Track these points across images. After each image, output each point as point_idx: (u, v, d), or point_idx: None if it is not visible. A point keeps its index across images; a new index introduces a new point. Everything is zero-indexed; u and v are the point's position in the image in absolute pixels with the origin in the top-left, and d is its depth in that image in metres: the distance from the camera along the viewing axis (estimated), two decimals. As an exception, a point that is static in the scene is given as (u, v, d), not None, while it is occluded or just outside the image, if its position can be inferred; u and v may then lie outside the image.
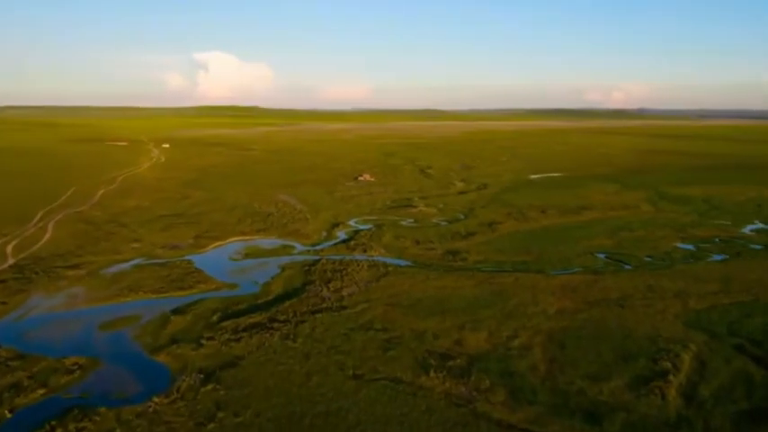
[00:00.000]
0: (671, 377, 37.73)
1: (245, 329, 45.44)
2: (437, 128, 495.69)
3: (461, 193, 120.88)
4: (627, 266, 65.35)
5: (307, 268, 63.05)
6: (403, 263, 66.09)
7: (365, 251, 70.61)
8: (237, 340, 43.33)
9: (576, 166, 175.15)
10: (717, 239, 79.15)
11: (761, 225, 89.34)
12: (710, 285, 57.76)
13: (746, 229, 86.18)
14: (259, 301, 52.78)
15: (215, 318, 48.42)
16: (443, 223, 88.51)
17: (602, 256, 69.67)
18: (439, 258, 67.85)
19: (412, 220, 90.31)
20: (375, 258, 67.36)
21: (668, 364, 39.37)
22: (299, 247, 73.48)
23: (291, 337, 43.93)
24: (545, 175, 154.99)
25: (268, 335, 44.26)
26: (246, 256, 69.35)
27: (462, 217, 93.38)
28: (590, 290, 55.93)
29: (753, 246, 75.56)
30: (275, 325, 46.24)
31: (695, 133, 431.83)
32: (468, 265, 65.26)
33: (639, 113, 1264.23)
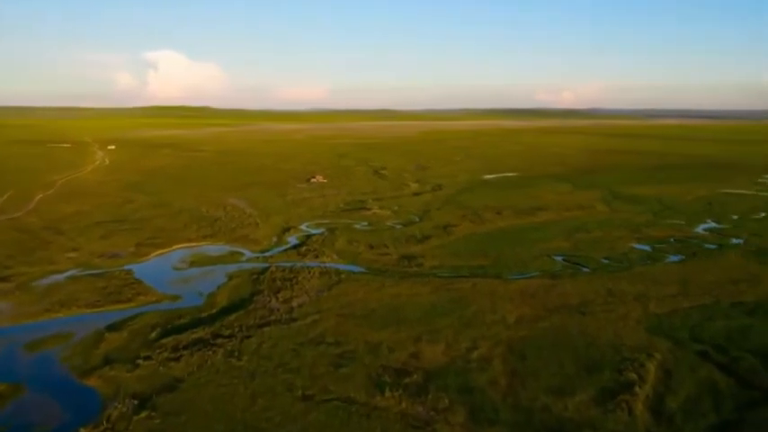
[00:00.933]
0: (637, 389, 36.02)
1: (185, 347, 42.17)
2: (392, 128, 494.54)
3: (416, 194, 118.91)
4: (585, 269, 64.05)
5: (255, 277, 59.90)
6: (356, 269, 63.48)
7: (317, 257, 67.77)
8: (177, 359, 40.06)
9: (530, 166, 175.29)
10: (672, 239, 78.75)
11: (713, 224, 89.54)
12: (670, 288, 56.75)
13: (700, 229, 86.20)
14: (203, 315, 49.46)
15: (154, 334, 44.97)
16: (398, 226, 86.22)
17: (559, 258, 68.29)
18: (394, 264, 65.44)
19: (366, 224, 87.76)
20: (327, 265, 64.58)
21: (633, 375, 37.69)
22: (247, 253, 70.15)
23: (236, 354, 40.87)
24: (499, 175, 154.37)
25: (211, 352, 41.11)
26: (191, 264, 65.75)
27: (417, 219, 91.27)
28: (549, 295, 54.27)
29: (707, 245, 75.29)
30: (219, 341, 43.09)
31: (644, 133, 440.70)
32: (424, 270, 63.01)
33: (590, 113, 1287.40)
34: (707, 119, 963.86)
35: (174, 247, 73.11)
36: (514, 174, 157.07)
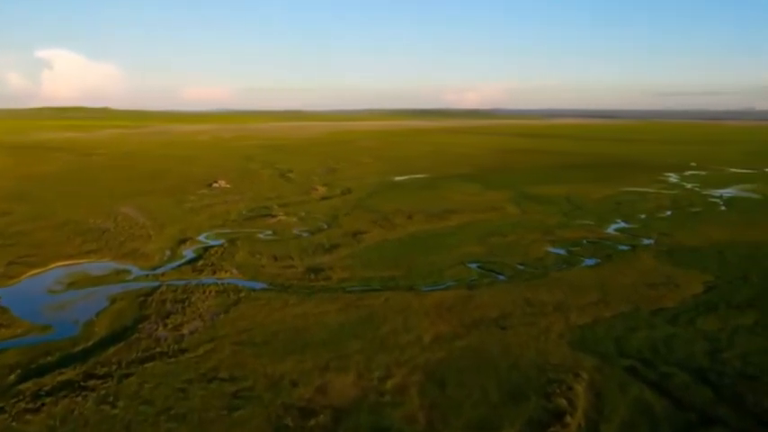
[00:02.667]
0: (568, 418, 32.59)
1: (50, 392, 35.51)
2: (301, 129, 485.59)
3: (324, 198, 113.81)
4: (501, 277, 61.06)
5: (142, 299, 53.23)
6: (258, 285, 57.84)
7: (215, 273, 61.65)
8: (37, 410, 33.43)
9: (439, 167, 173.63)
10: (585, 241, 77.41)
11: (623, 224, 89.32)
12: (589, 295, 54.45)
13: (611, 229, 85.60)
14: (76, 349, 42.60)
15: (13, 377, 37.91)
16: (305, 234, 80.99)
17: (474, 266, 65.10)
18: (299, 278, 60.24)
19: (270, 233, 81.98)
20: (226, 281, 58.65)
21: (563, 401, 34.29)
22: (135, 271, 63.09)
23: (111, 399, 34.65)
24: (410, 176, 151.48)
25: (80, 399, 34.69)
26: (69, 286, 58.07)
27: (325, 226, 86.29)
28: (466, 308, 50.68)
29: (621, 247, 74.27)
30: (92, 383, 36.63)
31: (547, 132, 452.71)
32: (332, 284, 58.15)
33: (493, 113, 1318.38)
34: (606, 118, 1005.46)
35: (52, 265, 64.92)
36: (424, 175, 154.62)
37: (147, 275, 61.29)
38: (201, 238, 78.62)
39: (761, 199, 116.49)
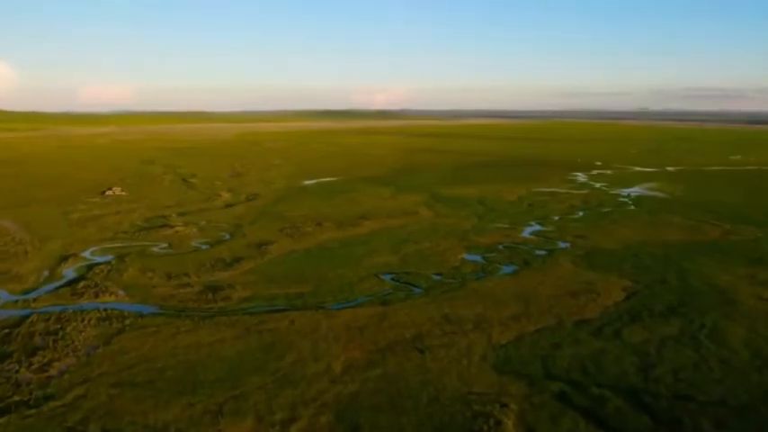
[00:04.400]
0: (498, 464, 28.60)
1: None
2: (207, 130, 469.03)
3: (228, 205, 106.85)
4: (417, 290, 56.94)
5: (7, 332, 45.71)
6: (147, 310, 51.25)
7: (97, 296, 54.48)
8: None
9: (349, 169, 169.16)
10: (501, 246, 74.70)
11: (538, 227, 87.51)
12: (510, 308, 51.16)
13: (526, 233, 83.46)
14: None
15: None
16: (204, 247, 74.40)
17: (387, 277, 60.77)
18: (195, 298, 53.98)
19: (165, 246, 74.86)
20: (109, 306, 51.70)
21: (491, 441, 30.32)
22: (3, 296, 55.01)
23: (-55, 471, 28.01)
24: (319, 180, 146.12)
25: None
26: None
27: (228, 237, 79.93)
28: (380, 328, 46.19)
29: (537, 252, 71.89)
30: (-77, 449, 29.76)
31: (456, 132, 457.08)
32: (231, 305, 52.30)
33: (401, 113, 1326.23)
34: (512, 118, 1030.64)
35: None
36: (335, 178, 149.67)
37: (17, 302, 53.42)
38: (86, 254, 70.65)
39: (667, 198, 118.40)
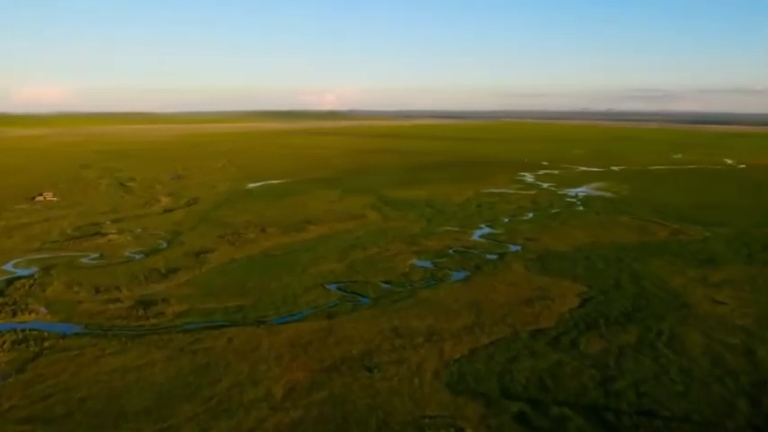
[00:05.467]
0: (455, 501, 25.91)
1: None
2: (150, 132, 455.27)
3: (167, 211, 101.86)
4: (365, 300, 54.02)
5: None
6: (71, 329, 46.89)
7: (15, 314, 49.80)
8: None
9: (297, 171, 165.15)
10: (451, 251, 72.49)
11: (488, 229, 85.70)
12: (462, 318, 48.75)
13: (476, 236, 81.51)
14: None
15: None
16: (138, 256, 69.90)
17: (334, 287, 57.69)
18: (125, 315, 49.85)
19: (96, 256, 70.05)
20: (28, 326, 47.17)
21: (446, 475, 27.61)
22: None
23: None
24: (265, 182, 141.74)
25: None
26: None
27: (164, 245, 75.50)
28: (326, 345, 43.12)
29: (489, 256, 69.88)
30: None
31: (404, 132, 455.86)
32: (164, 322, 48.38)
33: (350, 114, 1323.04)
34: (460, 119, 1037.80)
35: None
36: (281, 180, 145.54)
37: None
38: (8, 266, 65.38)
39: (614, 197, 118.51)
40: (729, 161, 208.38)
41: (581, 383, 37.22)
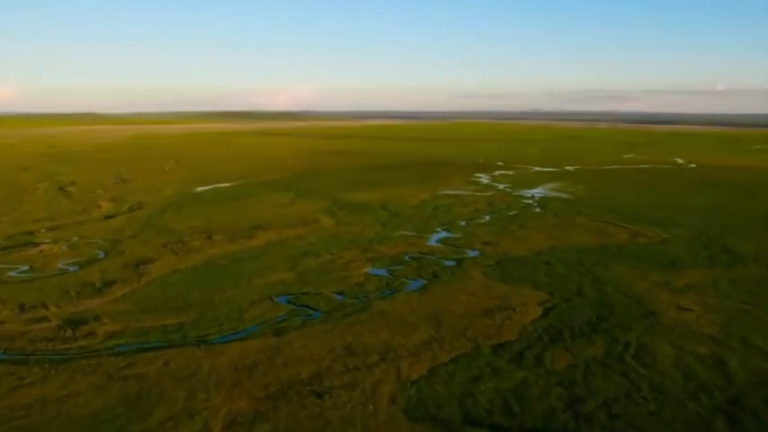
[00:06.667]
0: None
1: None
2: (97, 133, 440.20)
3: (108, 217, 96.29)
4: (316, 314, 50.46)
5: None
6: (-14, 355, 42.26)
7: (-75, 339, 44.77)
8: None
9: (247, 173, 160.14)
10: (407, 257, 69.49)
11: (444, 233, 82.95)
12: (420, 332, 45.65)
13: (433, 240, 78.69)
14: None
15: None
16: (72, 268, 64.87)
17: (283, 300, 53.92)
18: (51, 337, 45.20)
19: (26, 269, 64.69)
20: (-62, 352, 42.33)
21: None
22: None
23: None
24: (213, 186, 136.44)
25: None
26: None
27: (101, 255, 70.53)
28: (272, 367, 39.44)
29: (446, 262, 67.03)
30: None
31: (358, 133, 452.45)
32: (94, 344, 43.95)
33: (303, 114, 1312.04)
34: (413, 119, 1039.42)
35: None
36: (231, 183, 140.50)
37: None
38: (-75, 282, 59.79)
39: (570, 198, 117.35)
40: (680, 160, 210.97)
41: (548, 405, 34.43)
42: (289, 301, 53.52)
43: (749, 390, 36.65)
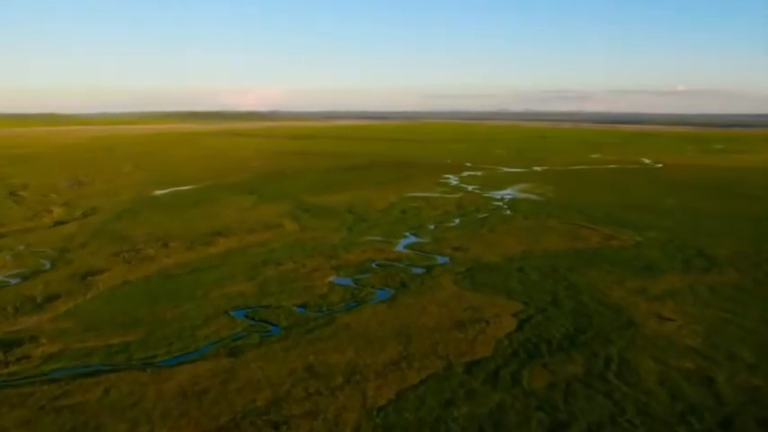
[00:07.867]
0: None
1: None
2: (56, 134, 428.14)
3: (59, 223, 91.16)
4: (275, 330, 46.89)
5: None
6: None
7: None
8: None
9: (210, 175, 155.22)
10: (374, 264, 66.22)
11: (413, 238, 79.85)
12: (387, 349, 42.38)
13: (401, 246, 75.50)
14: None
15: None
16: (14, 281, 60.19)
17: (240, 315, 50.19)
18: (-21, 361, 40.99)
19: (-37, 282, 59.97)
20: None
21: None
22: None
23: None
24: (173, 188, 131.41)
25: None
26: None
27: (48, 266, 65.88)
28: (225, 393, 35.79)
29: (415, 270, 63.93)
30: None
31: (325, 133, 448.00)
32: (28, 369, 39.75)
33: (271, 115, 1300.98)
34: (381, 119, 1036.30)
35: None
36: (192, 186, 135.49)
37: None
38: None
39: (540, 200, 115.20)
40: (646, 160, 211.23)
41: (528, 433, 31.47)
42: (247, 316, 49.81)
43: (740, 410, 34.15)
